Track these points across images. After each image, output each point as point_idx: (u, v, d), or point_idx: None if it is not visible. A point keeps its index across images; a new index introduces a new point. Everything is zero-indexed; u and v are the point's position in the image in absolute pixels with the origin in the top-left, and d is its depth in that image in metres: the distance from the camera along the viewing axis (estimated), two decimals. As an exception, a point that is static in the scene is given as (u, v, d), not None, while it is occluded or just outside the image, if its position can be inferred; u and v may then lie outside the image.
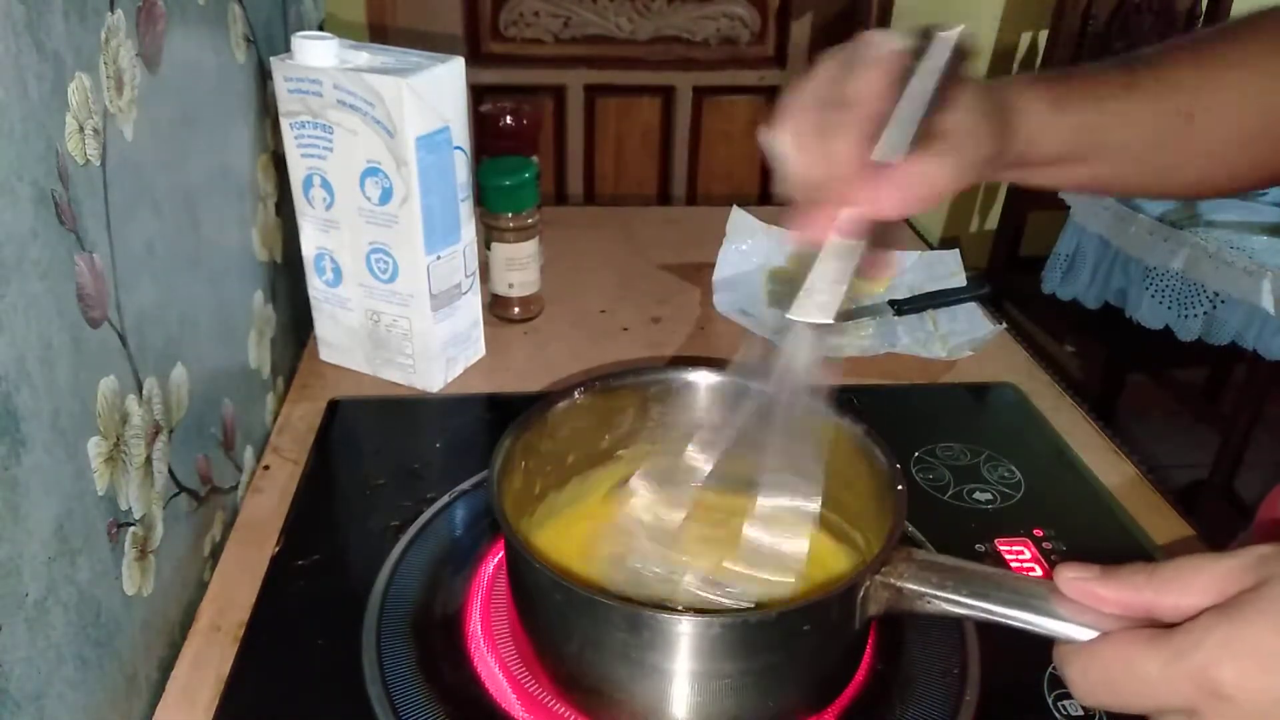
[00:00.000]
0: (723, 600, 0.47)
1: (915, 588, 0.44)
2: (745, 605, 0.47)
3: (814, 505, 0.48)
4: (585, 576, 0.53)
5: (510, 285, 0.86)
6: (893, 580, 0.44)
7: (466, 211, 0.74)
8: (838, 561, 0.55)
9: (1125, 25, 1.94)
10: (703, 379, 0.58)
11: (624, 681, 0.45)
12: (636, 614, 0.44)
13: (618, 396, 0.58)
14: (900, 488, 0.48)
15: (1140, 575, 0.35)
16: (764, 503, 0.49)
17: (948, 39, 0.43)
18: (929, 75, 0.42)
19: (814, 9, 2.09)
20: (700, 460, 0.51)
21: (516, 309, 0.88)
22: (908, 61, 0.42)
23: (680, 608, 0.50)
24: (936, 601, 0.44)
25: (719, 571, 0.49)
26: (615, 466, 0.60)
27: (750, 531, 0.49)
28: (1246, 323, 1.49)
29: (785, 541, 0.48)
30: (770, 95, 2.17)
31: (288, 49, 0.69)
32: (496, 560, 0.58)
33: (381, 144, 0.67)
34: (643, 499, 0.52)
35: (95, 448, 0.44)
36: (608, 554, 0.54)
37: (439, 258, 0.72)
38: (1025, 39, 2.14)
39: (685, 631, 0.43)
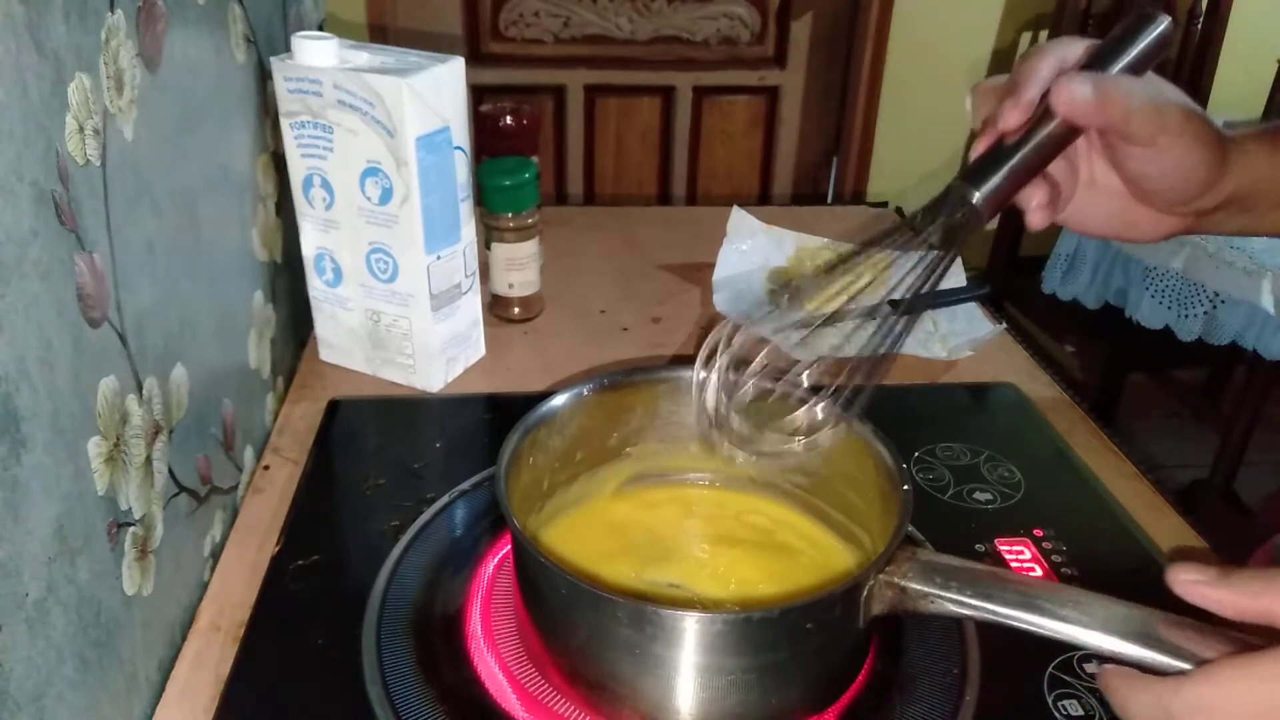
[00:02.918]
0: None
1: (919, 587, 0.44)
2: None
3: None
4: (591, 572, 0.53)
5: (510, 285, 0.86)
6: (897, 579, 0.44)
7: (466, 211, 0.74)
8: (843, 560, 0.55)
9: (1125, 25, 1.94)
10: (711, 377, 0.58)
11: (629, 677, 0.46)
12: (641, 609, 0.44)
13: (627, 393, 0.58)
14: (906, 487, 0.48)
15: (1256, 582, 0.35)
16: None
17: (1156, 25, 0.44)
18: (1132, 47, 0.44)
19: (814, 9, 2.09)
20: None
21: (516, 309, 0.88)
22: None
23: (687, 603, 0.51)
24: (941, 601, 0.44)
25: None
26: (624, 463, 0.60)
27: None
28: (1246, 323, 1.49)
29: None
30: (770, 95, 2.18)
31: (288, 49, 0.69)
32: (497, 560, 0.58)
33: (381, 144, 0.67)
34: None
35: (95, 448, 0.44)
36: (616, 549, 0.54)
37: (439, 258, 0.72)
38: (1025, 39, 2.14)
39: (689, 627, 0.43)
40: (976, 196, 0.43)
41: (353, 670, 0.50)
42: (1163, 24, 0.44)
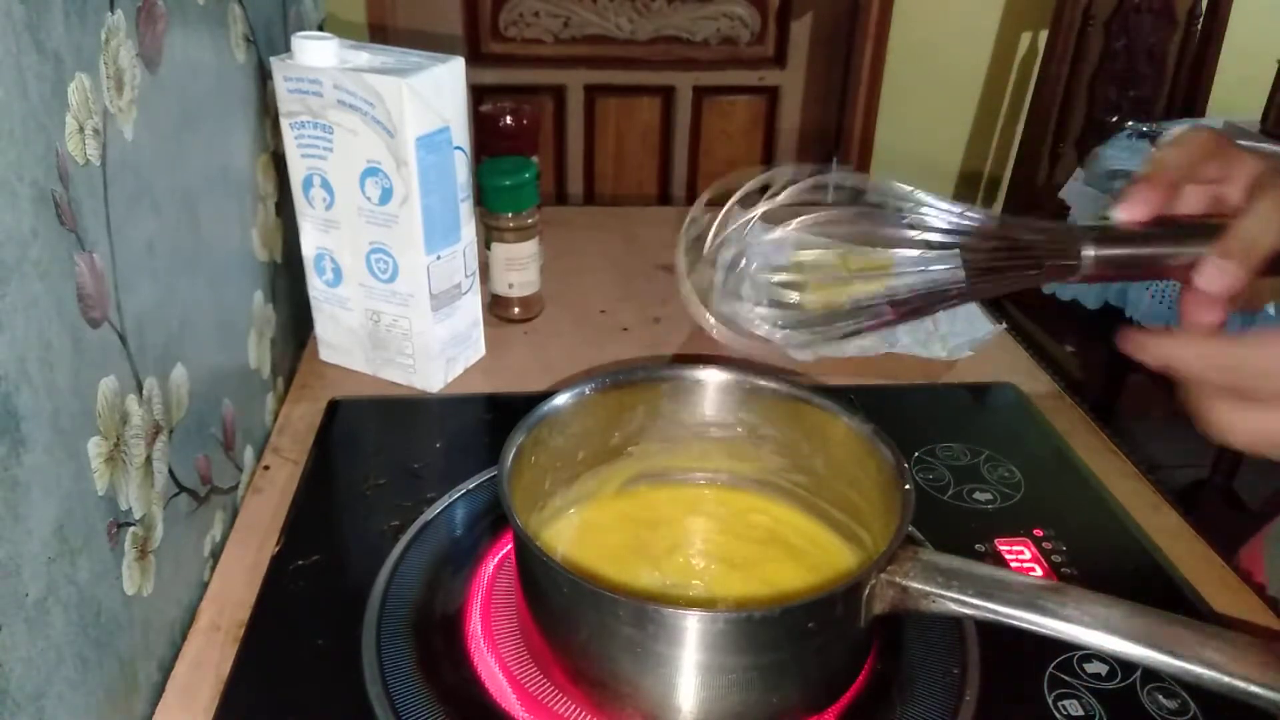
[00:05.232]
0: None
1: (921, 587, 0.44)
2: None
3: None
4: (593, 571, 0.53)
5: (510, 285, 0.86)
6: (898, 579, 0.44)
7: (466, 211, 0.74)
8: (844, 559, 0.55)
9: (1125, 25, 1.95)
10: (713, 377, 0.58)
11: (630, 676, 0.46)
12: (643, 608, 0.44)
13: (629, 393, 0.58)
14: (907, 486, 0.48)
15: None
16: None
17: None
18: None
19: (814, 9, 2.09)
20: None
21: (516, 309, 0.88)
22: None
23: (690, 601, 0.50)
24: (942, 601, 0.44)
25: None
26: (626, 463, 0.60)
27: None
28: (1246, 323, 1.49)
29: None
30: (770, 95, 2.18)
31: (288, 49, 0.69)
32: (497, 560, 0.58)
33: (381, 144, 0.67)
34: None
35: (95, 448, 0.44)
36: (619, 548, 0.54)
37: (439, 258, 0.72)
38: (1025, 39, 2.14)
39: (691, 626, 0.43)
40: (1091, 252, 0.39)
41: (353, 670, 0.50)
42: None
